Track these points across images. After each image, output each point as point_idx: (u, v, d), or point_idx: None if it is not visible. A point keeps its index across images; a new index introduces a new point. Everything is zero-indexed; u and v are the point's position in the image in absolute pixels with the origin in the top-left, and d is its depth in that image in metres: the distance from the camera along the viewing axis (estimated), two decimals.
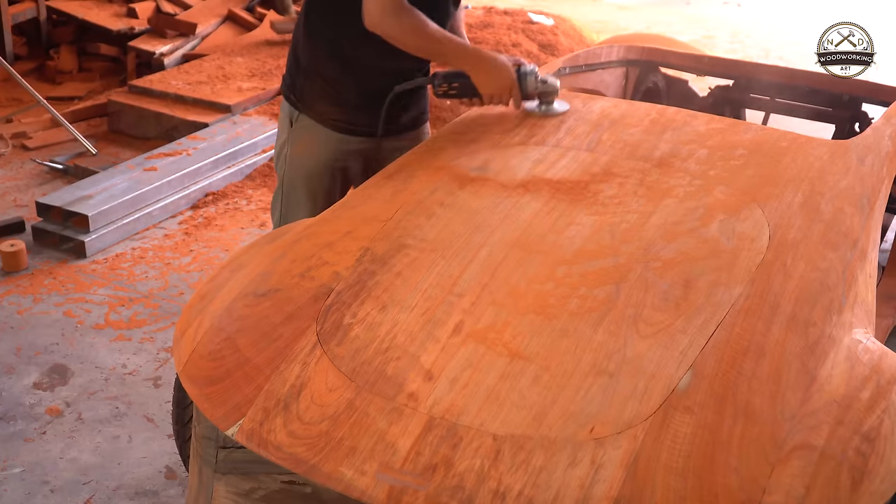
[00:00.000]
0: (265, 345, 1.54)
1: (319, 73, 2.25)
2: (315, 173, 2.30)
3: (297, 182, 2.32)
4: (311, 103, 2.28)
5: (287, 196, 2.35)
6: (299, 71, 2.29)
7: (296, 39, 2.31)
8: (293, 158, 2.32)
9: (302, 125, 2.29)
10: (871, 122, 3.10)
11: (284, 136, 2.34)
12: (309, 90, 2.28)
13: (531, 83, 2.19)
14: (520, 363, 1.45)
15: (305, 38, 2.26)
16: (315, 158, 2.29)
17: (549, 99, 2.25)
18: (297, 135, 2.30)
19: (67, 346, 2.98)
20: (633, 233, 1.76)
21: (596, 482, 1.27)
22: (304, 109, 2.29)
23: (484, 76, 2.15)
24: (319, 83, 2.26)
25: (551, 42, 5.58)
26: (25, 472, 2.43)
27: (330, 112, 2.27)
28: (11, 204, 4.01)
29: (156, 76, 4.95)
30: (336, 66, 2.23)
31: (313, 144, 2.29)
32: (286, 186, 2.35)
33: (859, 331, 1.59)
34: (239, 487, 1.53)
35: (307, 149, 2.30)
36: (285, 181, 2.35)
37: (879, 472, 1.31)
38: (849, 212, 1.89)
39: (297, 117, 2.30)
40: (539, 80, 2.21)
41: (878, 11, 7.58)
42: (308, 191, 2.32)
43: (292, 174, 2.33)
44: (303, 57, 2.27)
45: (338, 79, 2.24)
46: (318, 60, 2.24)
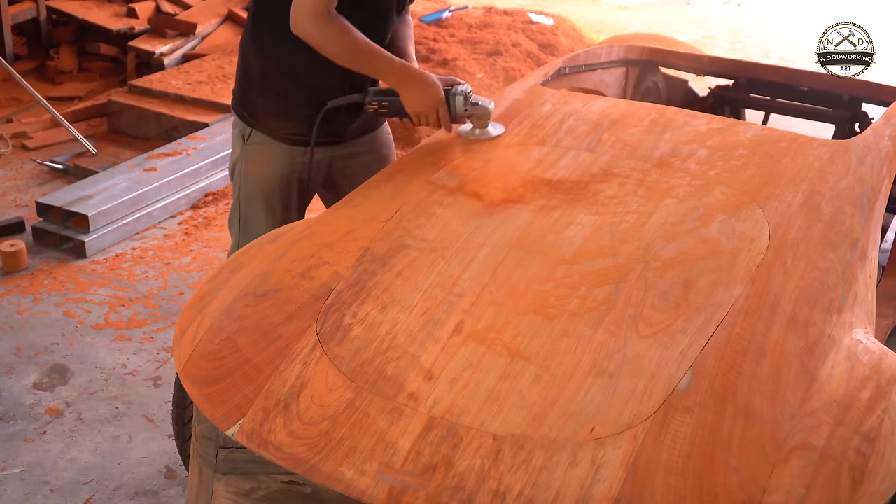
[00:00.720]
0: (265, 345, 1.54)
1: (272, 89, 2.19)
2: (273, 189, 2.24)
3: (253, 198, 2.26)
4: (265, 119, 2.21)
5: (245, 212, 2.29)
6: (252, 87, 2.22)
7: (244, 54, 2.24)
8: (248, 175, 2.25)
9: (255, 141, 2.23)
10: (871, 122, 3.10)
11: (238, 153, 2.28)
12: (262, 106, 2.21)
13: (460, 104, 2.10)
14: (520, 363, 1.45)
15: (255, 53, 2.19)
16: (271, 174, 2.23)
17: (481, 122, 2.15)
18: (252, 151, 2.24)
19: (67, 346, 2.98)
20: (633, 233, 1.76)
21: (596, 482, 1.27)
22: (257, 125, 2.22)
23: (411, 94, 2.07)
24: (272, 98, 2.19)
25: (551, 42, 5.58)
26: (25, 472, 2.43)
27: (284, 126, 2.20)
28: (11, 204, 4.01)
29: (156, 76, 4.95)
30: (287, 81, 2.17)
31: (268, 160, 2.23)
32: (243, 203, 2.28)
33: (859, 331, 1.59)
34: (239, 487, 1.53)
35: (263, 165, 2.23)
36: (241, 197, 2.28)
37: (879, 472, 1.31)
38: (849, 212, 1.89)
39: (251, 133, 2.23)
40: (470, 101, 2.11)
41: (878, 11, 7.58)
42: (266, 206, 2.25)
43: (249, 190, 2.26)
44: (254, 73, 2.21)
45: (290, 93, 2.18)
46: (269, 76, 2.18)
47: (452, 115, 2.11)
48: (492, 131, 2.16)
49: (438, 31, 5.53)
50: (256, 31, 2.19)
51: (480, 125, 2.15)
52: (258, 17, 2.18)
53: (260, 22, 2.18)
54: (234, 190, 2.33)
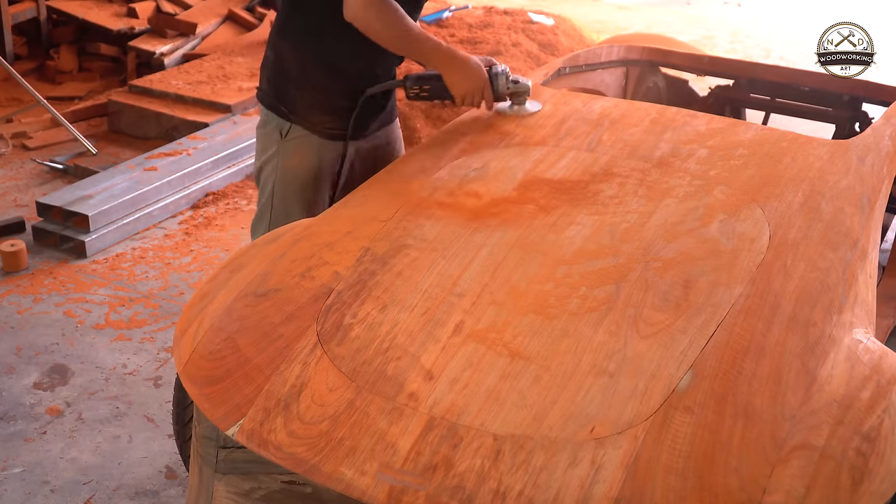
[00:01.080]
0: (265, 345, 1.54)
1: (309, 83, 2.20)
2: (309, 183, 2.25)
3: (290, 194, 2.26)
4: (305, 113, 2.22)
5: (278, 209, 2.27)
6: (288, 81, 2.22)
7: (277, 49, 2.24)
8: (287, 171, 2.25)
9: (295, 136, 2.23)
10: (871, 121, 3.10)
11: (273, 149, 2.26)
12: (301, 100, 2.21)
13: (502, 83, 2.19)
14: (520, 363, 1.45)
15: (290, 47, 2.20)
16: (310, 168, 2.24)
17: (520, 99, 2.25)
18: (291, 146, 2.24)
19: (67, 346, 2.98)
20: (634, 233, 1.76)
21: (596, 482, 1.27)
22: (297, 120, 2.22)
23: (457, 76, 2.13)
24: (310, 92, 2.20)
25: (551, 42, 5.57)
26: (25, 472, 2.43)
27: (323, 120, 2.22)
28: (11, 204, 4.01)
29: (156, 76, 4.95)
30: (326, 73, 2.18)
31: (308, 154, 2.23)
32: (277, 199, 2.27)
33: (859, 331, 1.59)
34: (239, 487, 1.53)
35: (302, 160, 2.24)
36: (276, 194, 2.27)
37: (879, 472, 1.31)
38: (849, 212, 1.89)
39: (290, 129, 2.23)
40: (510, 80, 2.21)
41: (878, 11, 7.58)
42: (302, 201, 2.26)
43: (286, 187, 2.25)
44: (291, 67, 2.21)
45: (327, 86, 2.19)
46: (306, 70, 2.19)
47: (495, 94, 2.19)
48: (529, 107, 2.26)
49: (439, 31, 5.53)
50: (290, 25, 2.20)
51: (519, 102, 2.25)
52: (292, 11, 2.19)
53: (295, 14, 2.18)
54: (262, 192, 2.30)
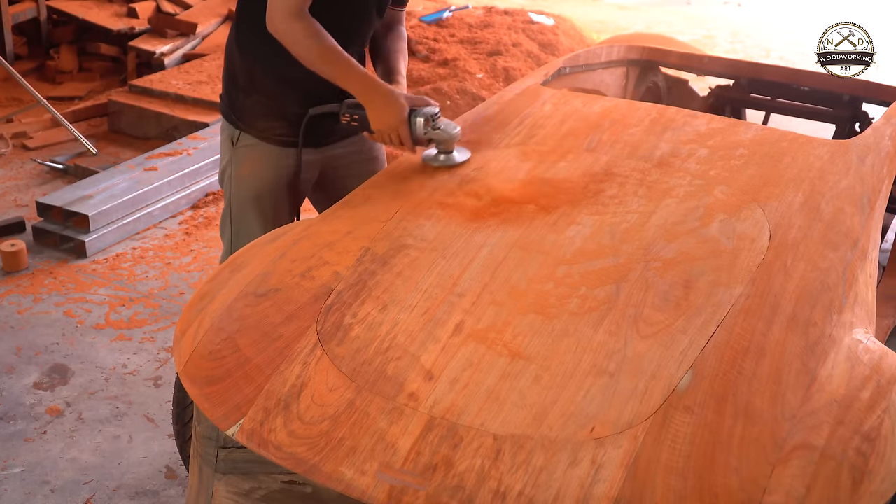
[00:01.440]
0: (265, 345, 1.54)
1: (258, 90, 2.16)
2: (264, 192, 2.21)
3: (245, 202, 2.23)
4: (253, 121, 2.18)
5: (237, 217, 2.25)
6: (238, 89, 2.19)
7: (229, 56, 2.21)
8: (239, 179, 2.22)
9: (245, 144, 2.20)
10: (871, 121, 3.10)
11: (228, 157, 2.24)
12: (250, 108, 2.18)
13: (419, 127, 2.00)
14: (520, 363, 1.45)
15: (239, 54, 2.17)
16: (261, 177, 2.20)
17: (445, 147, 2.03)
18: (242, 154, 2.21)
19: (68, 345, 2.98)
20: (634, 233, 1.76)
21: (596, 482, 1.27)
22: (245, 128, 2.19)
23: (374, 110, 2.01)
24: (260, 99, 2.16)
25: (551, 42, 5.57)
26: (25, 471, 2.43)
27: (273, 127, 2.17)
28: (12, 204, 4.01)
29: (156, 76, 4.95)
30: (273, 81, 2.14)
31: (259, 163, 2.20)
32: (234, 207, 2.25)
33: (860, 331, 1.59)
34: (239, 487, 1.53)
35: (253, 168, 2.20)
36: (233, 202, 2.25)
37: (880, 472, 1.31)
38: (849, 212, 1.89)
39: (239, 136, 2.20)
40: (433, 125, 2.00)
41: (878, 11, 7.58)
42: (258, 210, 2.22)
43: (239, 195, 2.23)
44: (239, 74, 2.18)
45: (278, 94, 2.15)
46: (255, 77, 2.15)
47: (414, 138, 2.02)
48: (457, 157, 2.04)
49: (439, 31, 5.53)
50: (240, 32, 2.16)
51: (444, 150, 2.04)
52: (241, 18, 2.16)
53: (243, 23, 2.16)
54: (224, 195, 2.29)
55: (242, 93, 2.18)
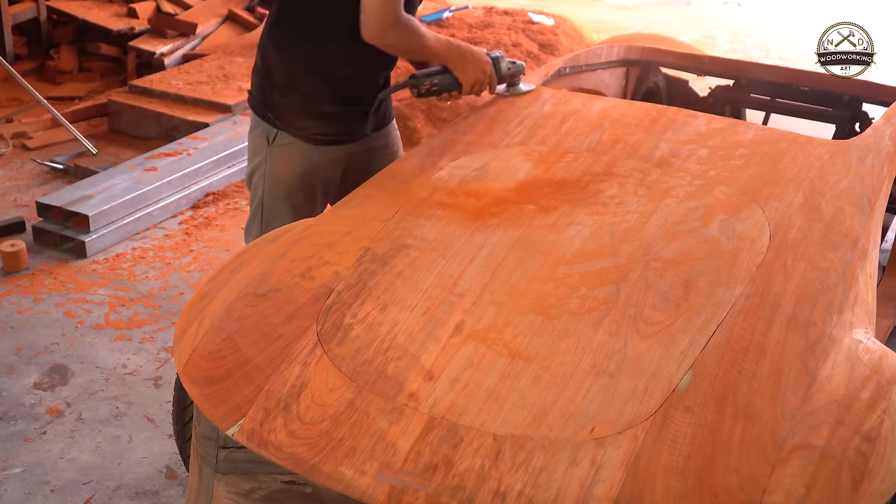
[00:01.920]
0: (265, 345, 1.54)
1: (296, 89, 2.18)
2: (296, 188, 2.24)
3: (279, 200, 2.26)
4: (291, 120, 2.20)
5: (269, 214, 2.28)
6: (274, 87, 2.21)
7: (265, 54, 2.23)
8: (274, 177, 2.24)
9: (282, 143, 2.22)
10: (871, 121, 3.10)
11: (262, 156, 2.26)
12: (287, 107, 2.20)
13: (504, 66, 2.32)
14: (520, 363, 1.45)
15: (276, 52, 2.19)
16: (297, 174, 2.23)
17: (516, 80, 2.41)
18: (278, 153, 2.23)
19: (68, 346, 2.98)
20: (634, 233, 1.76)
21: (596, 482, 1.27)
22: (283, 126, 2.21)
23: (470, 68, 2.20)
24: (298, 99, 2.18)
25: (551, 42, 5.57)
26: (25, 472, 2.43)
27: (311, 126, 2.20)
28: (12, 204, 4.01)
29: (156, 76, 4.95)
30: (313, 80, 2.17)
31: (295, 160, 2.22)
32: (267, 205, 2.27)
33: (860, 331, 1.59)
34: (239, 487, 1.53)
35: (289, 166, 2.23)
36: (266, 201, 2.27)
37: (880, 472, 1.31)
38: (849, 212, 1.89)
39: (276, 135, 2.22)
40: (510, 62, 2.34)
41: (878, 11, 7.58)
42: (291, 206, 2.25)
43: (274, 192, 2.25)
44: (276, 72, 2.20)
45: (316, 93, 2.18)
46: (293, 76, 2.17)
47: (498, 78, 2.31)
48: (523, 88, 2.42)
49: (438, 31, 5.52)
50: (279, 31, 2.18)
51: (514, 83, 2.41)
52: (281, 16, 2.17)
53: (284, 20, 2.17)
54: (254, 196, 2.30)
55: (279, 91, 2.20)
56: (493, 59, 2.28)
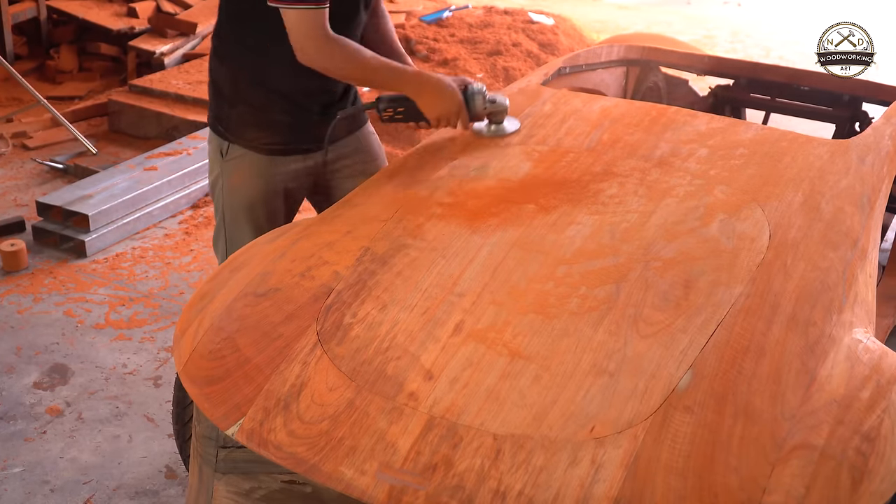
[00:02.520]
0: (265, 344, 1.54)
1: (243, 100, 2.12)
2: (257, 202, 2.18)
3: (238, 214, 2.20)
4: (241, 131, 2.14)
5: (231, 230, 2.22)
6: (223, 100, 2.16)
7: (212, 67, 2.17)
8: (231, 190, 2.19)
9: (234, 155, 2.16)
10: (871, 121, 3.10)
11: (218, 169, 2.21)
12: (236, 118, 2.14)
13: (479, 103, 2.09)
14: (520, 363, 1.45)
15: (221, 65, 2.14)
16: (254, 187, 2.17)
17: (498, 119, 2.14)
18: (232, 166, 2.17)
19: (67, 345, 2.98)
20: (634, 232, 1.76)
21: (596, 482, 1.27)
22: (234, 139, 2.15)
23: (429, 99, 2.04)
24: (246, 109, 2.12)
25: (551, 42, 5.57)
26: (25, 471, 2.43)
27: (261, 137, 2.14)
28: (11, 203, 4.01)
29: (156, 76, 4.95)
30: (259, 90, 2.11)
31: (249, 173, 2.16)
32: (228, 220, 2.22)
33: (859, 330, 1.59)
34: (239, 487, 1.53)
35: (245, 179, 2.17)
36: (226, 215, 2.22)
37: (879, 471, 1.31)
38: (849, 211, 1.89)
39: (228, 148, 2.16)
40: (487, 99, 2.10)
41: (878, 11, 7.58)
42: (251, 220, 2.19)
43: (233, 206, 2.20)
44: (223, 85, 2.14)
45: (264, 104, 2.11)
46: (239, 87, 2.11)
47: (472, 114, 2.10)
48: (508, 127, 2.16)
49: (438, 31, 5.53)
50: (222, 43, 2.12)
51: (496, 121, 2.15)
52: (223, 29, 2.12)
53: (225, 33, 2.11)
54: (216, 210, 2.26)
55: (227, 103, 2.15)
56: (467, 94, 2.08)
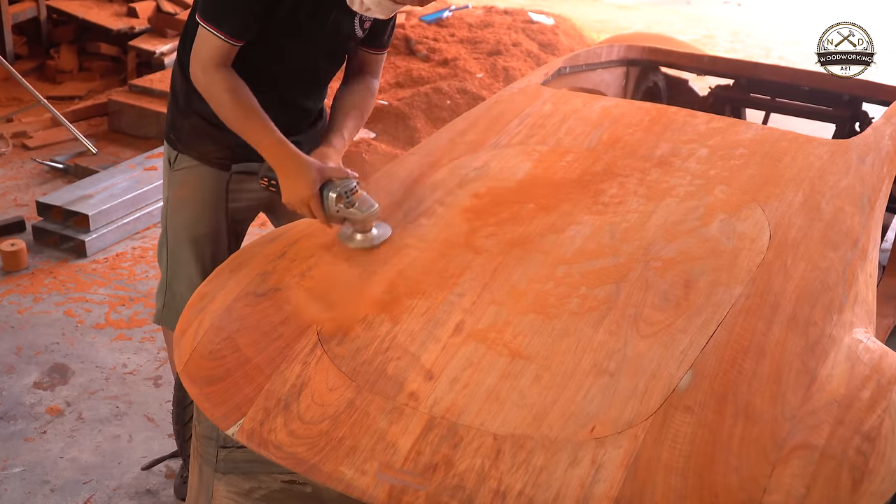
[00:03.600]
0: (265, 344, 1.54)
1: (196, 111, 2.02)
2: (201, 217, 2.07)
3: (180, 228, 2.09)
4: (191, 142, 2.06)
5: (172, 243, 2.11)
6: (177, 109, 2.08)
7: (173, 77, 2.10)
8: (176, 202, 2.09)
9: (183, 166, 2.07)
10: (871, 121, 3.10)
11: (166, 179, 2.12)
12: (189, 129, 2.05)
13: (331, 204, 1.77)
14: (520, 363, 1.45)
15: (181, 74, 2.03)
16: (199, 201, 2.07)
17: (361, 227, 1.78)
18: (179, 177, 2.08)
19: (68, 345, 2.98)
20: (634, 232, 1.76)
21: (596, 482, 1.27)
22: (184, 149, 2.07)
23: (285, 180, 1.83)
24: (197, 120, 2.03)
25: (551, 41, 5.57)
26: (25, 471, 2.43)
27: (213, 150, 2.04)
28: (12, 203, 4.01)
29: (156, 75, 4.95)
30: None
31: (196, 186, 2.07)
32: (170, 233, 2.11)
33: (860, 330, 1.59)
34: (239, 487, 1.53)
35: (191, 191, 2.07)
36: (168, 228, 2.11)
37: (880, 471, 1.31)
38: (849, 211, 1.89)
39: (177, 158, 2.08)
40: (346, 201, 1.76)
41: (878, 11, 7.58)
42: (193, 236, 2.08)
43: (176, 219, 2.09)
44: (179, 94, 2.06)
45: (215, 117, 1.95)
46: (192, 98, 1.99)
47: (326, 214, 1.79)
48: (375, 237, 1.78)
49: (438, 31, 5.53)
50: (185, 51, 1.99)
51: (360, 230, 1.79)
52: (188, 36, 1.99)
53: (186, 41, 2.00)
54: (162, 218, 2.16)
55: (181, 113, 2.07)
56: (323, 190, 1.78)
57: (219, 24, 1.80)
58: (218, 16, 1.80)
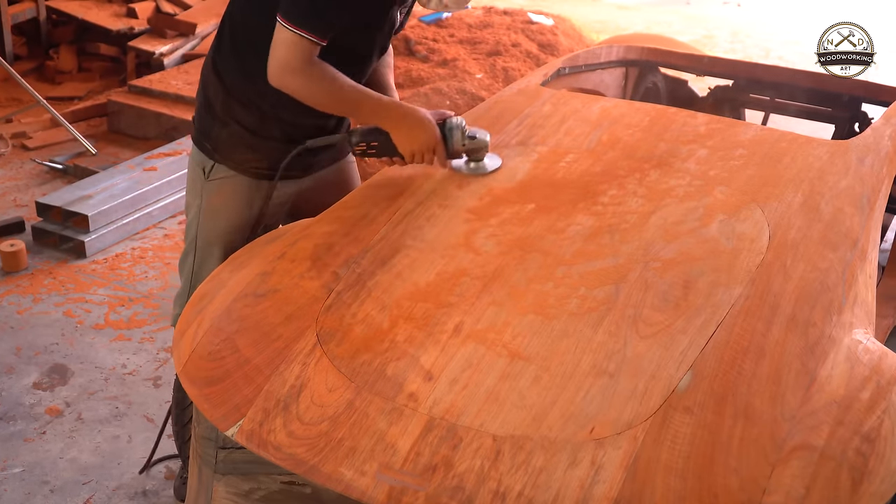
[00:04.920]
0: (265, 345, 1.54)
1: (236, 121, 2.02)
2: (236, 226, 2.08)
3: (213, 237, 2.09)
4: (229, 152, 2.05)
5: (202, 253, 2.11)
6: (214, 118, 2.05)
7: (205, 80, 2.07)
8: (210, 212, 2.08)
9: (219, 175, 2.07)
10: (870, 122, 3.10)
11: (198, 188, 2.10)
12: (226, 138, 2.04)
13: (457, 139, 1.95)
14: (520, 364, 1.45)
15: (217, 80, 2.03)
16: (236, 210, 2.07)
17: (477, 156, 1.99)
18: (215, 186, 2.07)
19: (67, 346, 2.98)
20: (633, 233, 1.76)
21: (596, 483, 1.27)
22: (220, 159, 2.06)
23: (405, 134, 1.92)
24: (237, 130, 2.03)
25: (551, 42, 5.57)
26: (25, 472, 2.43)
27: (251, 160, 2.05)
28: (11, 204, 4.01)
29: (155, 76, 4.95)
30: (255, 114, 2.01)
31: (232, 197, 2.07)
32: (200, 242, 2.11)
33: (859, 331, 1.59)
34: (239, 488, 1.53)
35: (226, 201, 2.07)
36: (199, 236, 2.11)
37: (879, 472, 1.31)
38: (849, 212, 1.89)
39: (213, 167, 2.07)
40: (467, 135, 1.96)
41: (878, 11, 7.58)
42: (225, 245, 2.08)
43: (209, 227, 2.09)
44: (215, 101, 2.04)
45: (257, 127, 2.02)
46: (232, 107, 2.01)
47: (449, 151, 1.96)
48: (488, 164, 2.00)
49: (438, 31, 5.53)
50: (223, 59, 2.03)
51: (476, 159, 1.99)
52: (224, 45, 2.02)
53: (227, 50, 2.02)
54: (188, 228, 2.15)
55: (218, 122, 2.05)
56: (445, 129, 1.95)
57: (312, 28, 1.83)
58: (310, 17, 1.83)
